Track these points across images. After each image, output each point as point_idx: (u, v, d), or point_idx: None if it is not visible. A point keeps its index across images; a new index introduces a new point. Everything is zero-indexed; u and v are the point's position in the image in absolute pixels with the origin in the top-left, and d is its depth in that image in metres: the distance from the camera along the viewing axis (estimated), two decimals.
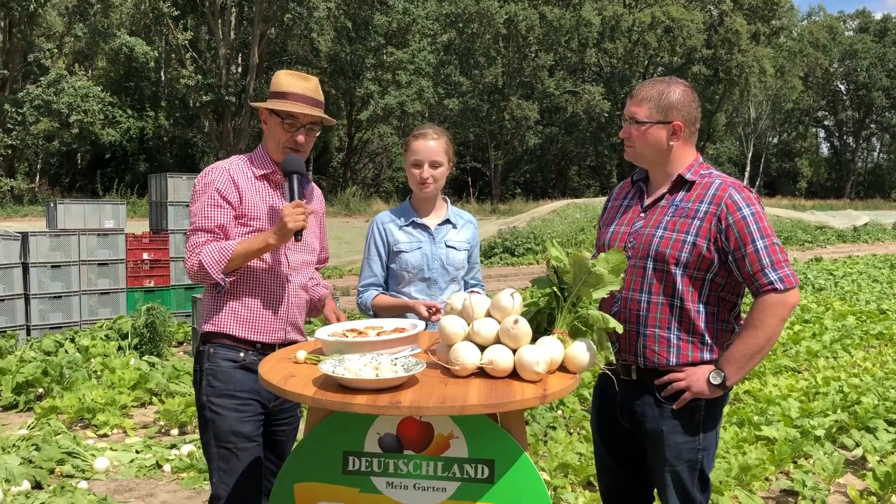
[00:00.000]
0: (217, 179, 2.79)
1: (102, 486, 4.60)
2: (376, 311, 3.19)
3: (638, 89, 2.66)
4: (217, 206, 2.75)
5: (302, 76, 2.88)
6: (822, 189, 62.28)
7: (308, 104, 2.82)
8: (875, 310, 10.66)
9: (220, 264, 2.67)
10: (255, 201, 2.82)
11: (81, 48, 35.84)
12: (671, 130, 2.61)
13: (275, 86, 2.86)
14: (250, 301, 2.81)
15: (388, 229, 3.28)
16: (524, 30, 41.20)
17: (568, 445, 4.89)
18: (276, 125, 2.82)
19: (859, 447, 5.06)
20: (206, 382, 2.78)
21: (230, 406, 2.74)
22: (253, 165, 2.87)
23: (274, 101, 2.81)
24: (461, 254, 3.29)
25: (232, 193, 2.78)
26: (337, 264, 16.78)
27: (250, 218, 2.79)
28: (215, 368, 2.78)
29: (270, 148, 2.88)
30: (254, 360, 2.76)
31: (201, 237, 2.73)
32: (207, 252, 2.68)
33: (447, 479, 2.10)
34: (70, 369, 6.52)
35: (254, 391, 2.76)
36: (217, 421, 2.74)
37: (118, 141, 34.75)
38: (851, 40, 62.71)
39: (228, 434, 2.73)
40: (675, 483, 2.62)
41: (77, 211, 8.65)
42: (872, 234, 28.36)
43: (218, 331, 2.80)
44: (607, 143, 46.78)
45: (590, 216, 21.26)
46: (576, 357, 2.26)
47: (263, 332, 2.83)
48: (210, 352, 2.80)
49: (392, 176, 45.36)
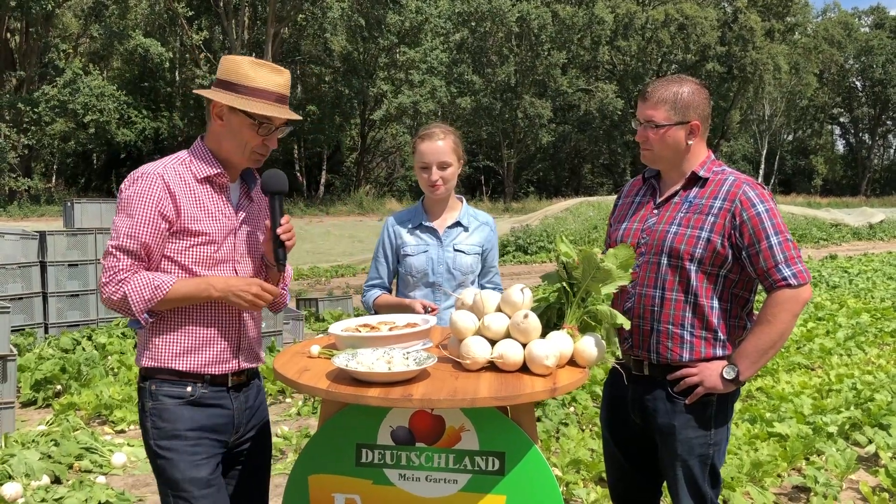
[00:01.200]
0: (148, 190, 2.33)
1: (120, 481, 4.67)
2: (378, 311, 3.19)
3: (651, 91, 2.63)
4: (146, 223, 2.31)
5: (273, 68, 2.42)
6: (838, 186, 61.82)
7: (285, 105, 2.43)
8: (890, 307, 10.60)
9: (148, 303, 2.29)
10: (194, 212, 2.37)
11: (97, 49, 36.17)
12: (689, 130, 2.61)
13: (239, 77, 2.38)
14: (194, 329, 2.41)
15: (398, 231, 3.24)
16: (537, 28, 41.16)
17: (580, 442, 4.91)
18: (243, 126, 2.38)
19: (872, 444, 5.05)
20: (152, 424, 2.40)
21: (181, 449, 2.37)
22: (193, 167, 2.41)
23: (241, 99, 2.36)
24: (470, 258, 3.18)
25: (168, 207, 2.33)
26: (350, 262, 16.86)
27: (189, 233, 2.36)
28: (160, 408, 2.39)
29: (225, 148, 2.42)
30: (204, 393, 2.41)
31: (123, 261, 2.30)
32: (136, 286, 2.28)
33: (458, 472, 2.13)
34: (87, 366, 6.61)
35: (207, 428, 2.41)
36: (168, 468, 2.37)
37: (133, 141, 35.05)
38: (867, 37, 62.19)
39: (182, 482, 2.36)
40: (686, 478, 2.63)
41: (94, 210, 8.74)
42: (888, 231, 28.16)
43: (159, 365, 2.39)
44: (620, 141, 46.69)
45: (603, 214, 21.24)
46: (585, 351, 2.29)
47: (213, 364, 2.43)
48: (152, 389, 2.40)
49: (405, 175, 45.45)
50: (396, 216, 3.31)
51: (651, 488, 2.92)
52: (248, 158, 2.44)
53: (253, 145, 2.40)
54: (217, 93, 2.39)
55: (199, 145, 2.47)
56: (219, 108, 2.39)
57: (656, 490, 2.94)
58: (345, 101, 39.09)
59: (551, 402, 5.63)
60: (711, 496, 2.66)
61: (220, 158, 2.44)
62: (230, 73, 2.39)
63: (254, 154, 2.43)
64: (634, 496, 2.92)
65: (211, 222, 2.40)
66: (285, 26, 36.20)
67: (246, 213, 2.51)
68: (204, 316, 2.41)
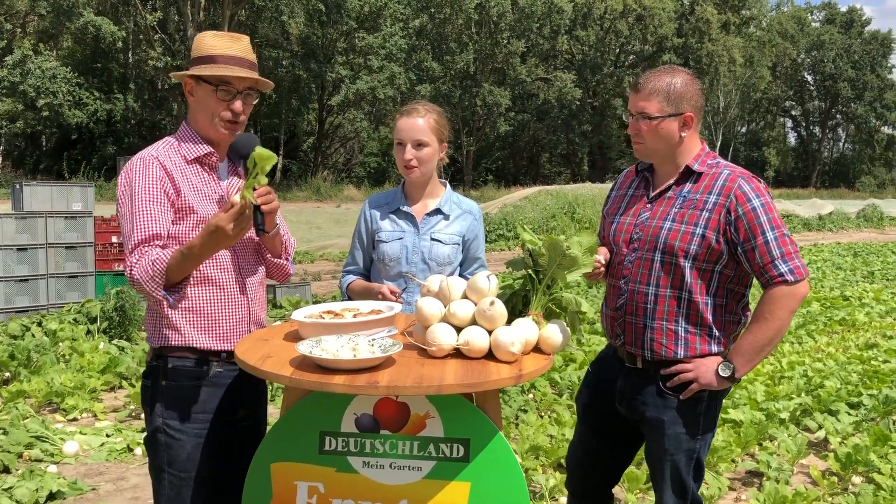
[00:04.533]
0: (149, 172, 2.36)
1: (72, 469, 4.56)
2: (351, 297, 3.08)
3: (643, 82, 2.57)
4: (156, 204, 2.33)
5: (231, 36, 2.45)
6: (789, 178, 63.14)
7: (243, 66, 2.42)
8: (838, 296, 10.88)
9: (155, 279, 2.24)
10: (189, 193, 2.40)
11: (46, 27, 35.11)
12: (682, 122, 2.56)
13: (199, 50, 2.43)
14: (209, 306, 2.45)
15: (373, 216, 3.06)
16: (496, 16, 41.10)
17: (539, 428, 4.95)
18: (206, 95, 2.40)
19: (822, 429, 5.19)
20: (163, 404, 2.42)
21: (191, 431, 2.40)
22: (181, 149, 2.45)
23: (200, 67, 2.40)
24: (448, 248, 2.99)
25: (169, 187, 2.37)
26: (308, 249, 16.71)
27: (186, 213, 2.39)
28: (175, 387, 2.42)
29: (201, 124, 2.46)
30: (219, 372, 2.46)
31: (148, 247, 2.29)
32: (141, 267, 2.25)
33: (423, 459, 2.12)
34: (38, 353, 6.44)
35: (219, 409, 2.45)
36: (174, 447, 2.40)
37: (85, 123, 34.13)
38: (818, 31, 63.54)
39: (186, 462, 2.40)
40: (671, 472, 2.62)
41: (44, 193, 8.50)
42: (837, 222, 28.88)
43: (177, 343, 2.41)
44: (578, 130, 47.00)
45: (561, 203, 21.36)
46: (550, 338, 2.29)
47: (228, 339, 2.47)
48: (168, 368, 2.42)
49: (363, 161, 45.14)
50: (373, 199, 3.13)
51: (613, 478, 2.93)
52: (219, 130, 2.44)
53: (218, 113, 2.41)
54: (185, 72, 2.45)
55: (184, 128, 2.50)
56: (188, 84, 2.44)
57: (616, 479, 2.95)
58: (302, 86, 38.59)
59: (511, 389, 5.66)
60: (693, 488, 2.67)
61: (203, 137, 2.47)
62: (196, 49, 2.45)
63: (223, 124, 2.43)
64: (594, 482, 2.91)
65: (204, 202, 2.43)
66: (242, 8, 35.57)
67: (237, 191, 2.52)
68: (217, 292, 2.45)
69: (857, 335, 8.34)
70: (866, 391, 5.78)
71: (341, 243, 16.83)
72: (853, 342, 7.91)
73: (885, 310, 9.84)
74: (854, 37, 63.29)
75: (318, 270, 13.70)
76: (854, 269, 14.60)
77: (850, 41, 62.63)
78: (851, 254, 17.90)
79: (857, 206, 32.73)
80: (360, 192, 35.36)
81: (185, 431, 2.41)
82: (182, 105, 35.23)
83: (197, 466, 2.41)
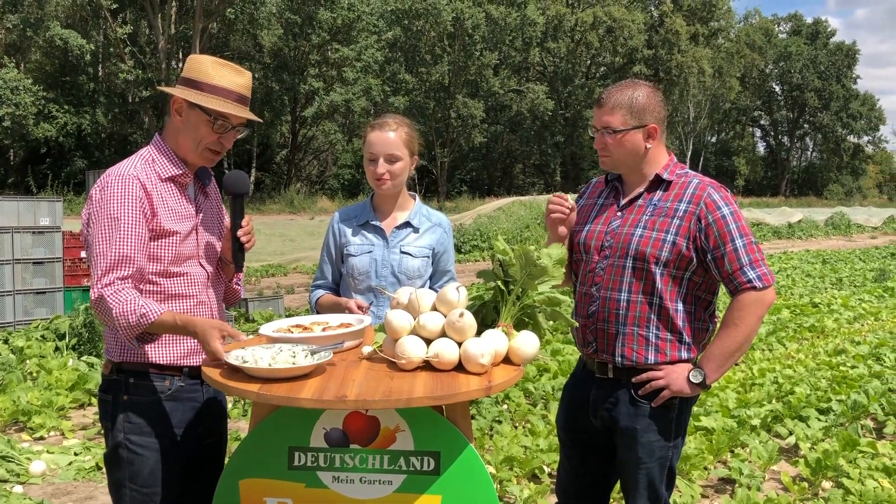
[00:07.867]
0: (127, 194, 2.32)
1: (39, 490, 4.48)
2: (320, 312, 3.04)
3: (606, 97, 2.61)
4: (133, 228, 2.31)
5: (235, 69, 2.46)
6: (759, 187, 63.98)
7: (244, 105, 2.46)
8: (808, 303, 11.02)
9: (134, 329, 2.25)
10: (164, 213, 2.39)
11: (14, 40, 34.68)
12: (647, 133, 2.59)
13: (200, 74, 2.41)
14: None
15: (342, 230, 3.03)
16: (470, 28, 41.34)
17: (513, 439, 4.94)
18: (199, 122, 2.40)
19: (792, 435, 5.24)
20: (125, 418, 2.39)
21: (154, 446, 2.38)
22: (157, 166, 2.42)
23: (202, 95, 2.39)
24: (418, 261, 2.97)
25: (147, 208, 2.35)
26: (281, 262, 16.63)
27: (161, 233, 2.38)
28: (137, 402, 2.40)
29: (183, 146, 2.44)
30: (181, 386, 2.44)
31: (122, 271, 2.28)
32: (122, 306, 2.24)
33: (393, 472, 2.11)
34: (4, 371, 6.33)
35: (181, 424, 2.44)
36: (137, 462, 2.38)
37: (54, 137, 33.71)
38: (785, 43, 64.66)
39: (148, 478, 2.38)
40: (645, 480, 2.63)
41: (10, 208, 8.38)
42: (806, 230, 29.34)
43: (138, 360, 2.40)
44: (551, 141, 47.32)
45: (534, 213, 21.49)
46: (520, 349, 2.29)
47: (190, 355, 2.47)
48: (129, 382, 2.40)
49: (337, 173, 45.03)
50: (342, 212, 3.12)
51: (603, 490, 2.92)
52: (201, 156, 2.46)
53: (207, 142, 2.42)
54: (178, 89, 2.43)
55: (160, 143, 2.48)
56: (178, 103, 2.43)
57: (608, 490, 2.94)
58: (275, 98, 38.45)
59: (485, 400, 5.65)
60: (665, 497, 2.68)
61: (178, 156, 2.46)
62: (193, 71, 2.43)
63: (206, 152, 2.45)
64: (586, 495, 2.90)
65: (177, 221, 2.43)
66: (214, 21, 35.41)
67: (204, 210, 2.57)
68: (181, 309, 2.43)
69: (826, 341, 8.45)
70: (835, 397, 5.86)
71: (315, 256, 16.74)
72: (822, 348, 8.01)
73: (853, 316, 9.99)
74: (820, 48, 64.55)
75: (292, 283, 13.63)
76: (823, 276, 14.80)
77: (816, 52, 63.85)
78: (820, 261, 18.17)
79: (826, 214, 33.28)
80: (334, 204, 35.25)
81: (148, 447, 2.39)
82: (154, 119, 34.92)
83: (161, 482, 2.39)
